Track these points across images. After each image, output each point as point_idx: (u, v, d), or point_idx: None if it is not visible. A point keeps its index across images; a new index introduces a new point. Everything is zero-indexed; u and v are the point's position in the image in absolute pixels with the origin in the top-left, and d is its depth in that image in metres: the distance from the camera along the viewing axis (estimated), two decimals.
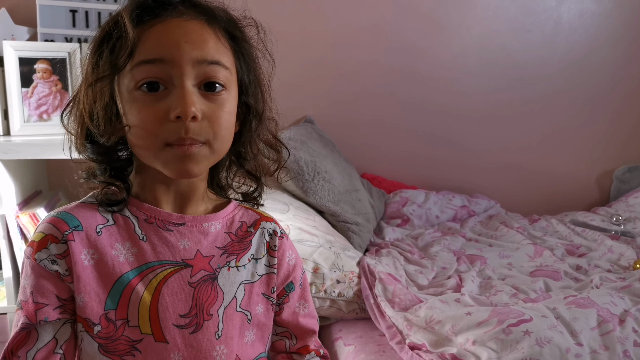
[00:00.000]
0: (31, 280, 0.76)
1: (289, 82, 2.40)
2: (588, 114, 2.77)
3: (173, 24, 0.75)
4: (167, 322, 0.78)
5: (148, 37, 0.74)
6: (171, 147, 0.74)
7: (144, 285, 0.78)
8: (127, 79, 0.75)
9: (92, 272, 0.77)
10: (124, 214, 0.81)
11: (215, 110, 0.76)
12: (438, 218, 2.41)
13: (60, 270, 0.76)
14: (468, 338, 1.33)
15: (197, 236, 0.83)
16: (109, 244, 0.79)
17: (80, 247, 0.77)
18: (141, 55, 0.74)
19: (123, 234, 0.80)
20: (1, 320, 1.69)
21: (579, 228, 2.32)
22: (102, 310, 0.77)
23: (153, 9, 0.76)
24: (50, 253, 0.76)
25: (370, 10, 2.47)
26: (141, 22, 0.75)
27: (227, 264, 0.84)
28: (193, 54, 0.74)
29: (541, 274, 1.80)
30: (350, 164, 2.34)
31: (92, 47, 0.78)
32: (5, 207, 1.63)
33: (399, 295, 1.58)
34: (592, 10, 2.68)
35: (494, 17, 2.60)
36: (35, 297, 0.76)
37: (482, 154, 2.69)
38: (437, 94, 2.60)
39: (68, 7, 1.89)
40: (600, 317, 1.37)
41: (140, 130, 0.75)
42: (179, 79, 0.74)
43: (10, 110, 1.73)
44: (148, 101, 0.74)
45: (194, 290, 0.80)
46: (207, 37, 0.77)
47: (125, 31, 0.73)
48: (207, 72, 0.76)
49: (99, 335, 0.77)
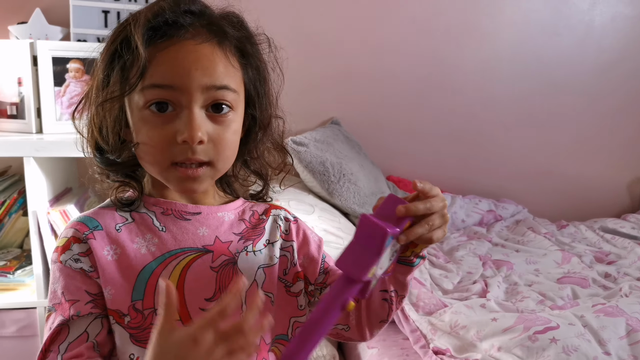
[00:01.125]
0: (60, 281, 0.80)
1: (316, 84, 2.42)
2: (619, 119, 2.72)
3: (185, 49, 0.77)
4: (194, 306, 0.80)
5: (160, 61, 0.76)
6: (176, 168, 0.78)
7: (167, 274, 0.80)
8: (136, 97, 0.77)
9: (116, 266, 0.80)
10: (140, 211, 0.85)
11: (221, 133, 0.79)
12: (464, 222, 2.39)
13: (84, 267, 0.79)
14: (493, 344, 1.32)
15: (214, 223, 0.86)
16: (130, 238, 0.82)
17: (101, 244, 0.80)
18: (152, 79, 0.76)
19: (142, 228, 0.83)
20: (31, 315, 1.73)
21: (609, 235, 2.28)
22: (129, 301, 0.79)
23: (165, 30, 0.77)
24: (73, 253, 0.80)
25: (402, 15, 2.46)
26: (152, 42, 0.76)
27: (245, 249, 0.86)
28: (203, 81, 0.76)
29: (569, 280, 1.78)
30: (376, 166, 2.34)
31: (103, 59, 0.80)
32: (37, 204, 1.66)
33: (423, 299, 1.57)
34: (625, 14, 2.63)
35: (524, 21, 2.57)
36: (66, 296, 0.79)
37: (511, 158, 2.66)
38: (466, 98, 2.58)
39: (100, 8, 1.92)
40: (629, 326, 1.35)
41: (149, 149, 0.78)
42: (187, 104, 0.76)
43: (43, 108, 1.76)
44: (156, 122, 0.77)
45: (217, 274, 0.83)
46: (218, 61, 0.78)
47: (135, 52, 0.75)
48: (216, 96, 0.78)
49: (129, 326, 0.79)
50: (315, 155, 1.99)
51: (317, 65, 2.42)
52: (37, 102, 1.77)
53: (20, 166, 1.71)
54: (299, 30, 2.37)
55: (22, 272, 1.76)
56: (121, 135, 0.81)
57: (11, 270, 1.75)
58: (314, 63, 2.41)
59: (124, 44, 0.77)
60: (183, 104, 0.76)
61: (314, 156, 1.98)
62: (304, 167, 1.97)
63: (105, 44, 0.80)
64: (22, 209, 1.86)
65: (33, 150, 1.61)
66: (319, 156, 1.99)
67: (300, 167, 1.99)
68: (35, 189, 1.65)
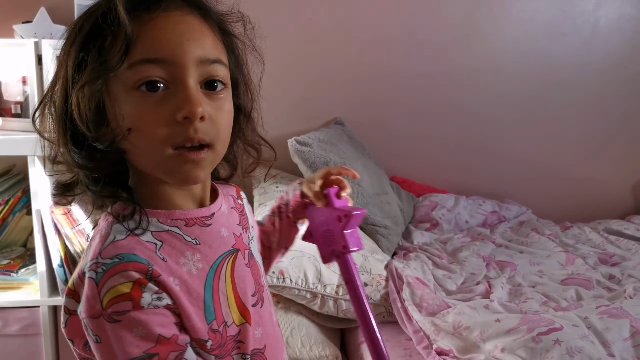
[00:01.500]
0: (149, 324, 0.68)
1: (319, 84, 2.42)
2: (625, 120, 2.71)
3: (173, 19, 0.71)
4: (249, 305, 0.80)
5: (146, 34, 0.69)
6: (178, 154, 0.70)
7: (224, 283, 0.77)
8: (121, 78, 0.69)
9: (183, 295, 0.72)
10: (161, 228, 0.75)
11: (217, 111, 0.73)
12: (467, 223, 2.39)
13: (169, 302, 0.70)
14: (497, 345, 1.31)
15: (225, 221, 0.83)
16: (176, 262, 0.73)
17: (166, 274, 0.71)
18: (140, 54, 0.68)
19: (177, 247, 0.74)
20: (34, 313, 1.73)
21: (613, 237, 2.27)
22: (206, 325, 0.74)
23: (147, 4, 0.70)
24: (152, 291, 0.69)
25: (405, 14, 2.45)
26: (136, 16, 0.69)
27: (250, 238, 0.87)
28: (196, 53, 0.70)
29: (573, 282, 1.78)
30: (379, 167, 2.33)
31: (75, 39, 0.71)
32: (40, 203, 1.66)
33: (426, 299, 1.57)
34: (631, 14, 2.62)
35: (529, 21, 2.57)
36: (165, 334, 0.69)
37: (515, 159, 2.66)
38: (471, 98, 2.57)
39: None
40: (633, 328, 1.34)
41: (143, 134, 0.70)
42: (183, 79, 0.70)
43: None
44: (149, 102, 0.69)
45: (250, 269, 0.83)
46: (207, 33, 0.74)
47: (119, 26, 0.68)
48: (209, 71, 0.72)
49: (212, 348, 0.74)
50: (319, 155, 1.99)
51: (321, 65, 2.41)
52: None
53: (24, 165, 1.71)
54: (302, 30, 2.37)
55: (25, 271, 1.77)
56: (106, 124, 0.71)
57: (15, 268, 1.76)
58: (317, 64, 2.41)
59: (100, 20, 0.69)
60: (177, 79, 0.69)
61: (318, 156, 1.98)
62: (308, 167, 1.97)
63: (72, 29, 0.72)
64: (25, 207, 1.86)
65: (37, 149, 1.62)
66: (323, 156, 1.99)
67: (304, 167, 1.99)
68: (39, 187, 1.66)
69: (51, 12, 1.94)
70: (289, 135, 2.08)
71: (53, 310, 1.75)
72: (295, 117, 2.37)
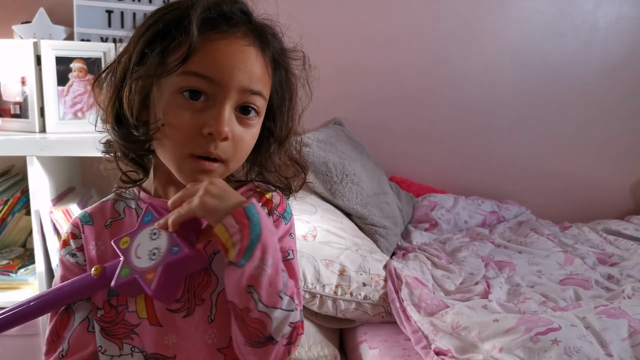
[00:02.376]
0: (61, 274, 0.87)
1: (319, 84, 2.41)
2: (624, 120, 2.72)
3: (234, 47, 0.78)
4: (161, 306, 0.82)
5: (207, 51, 0.76)
6: (194, 159, 0.77)
7: None
8: (172, 79, 0.76)
9: (98, 261, 0.84)
10: (132, 206, 0.88)
11: (243, 134, 0.80)
12: (467, 223, 2.39)
13: (79, 261, 0.86)
14: (495, 345, 1.31)
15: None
16: (115, 235, 0.84)
17: (89, 239, 0.86)
18: (194, 66, 0.75)
19: (127, 225, 0.86)
20: None
21: (612, 237, 2.27)
22: (105, 296, 0.83)
23: (217, 22, 0.77)
24: (71, 248, 0.86)
25: (405, 14, 2.46)
26: (202, 31, 0.76)
27: None
28: (242, 83, 0.77)
29: (571, 282, 1.78)
30: (379, 167, 2.33)
31: (142, 37, 0.78)
32: (40, 203, 1.66)
33: (425, 299, 1.57)
34: (630, 15, 2.62)
35: (529, 21, 2.57)
36: None
37: (514, 159, 2.66)
38: (470, 98, 2.58)
39: (104, 8, 1.92)
40: (631, 328, 1.34)
41: (173, 132, 0.77)
42: (221, 100, 0.76)
43: (47, 108, 1.77)
44: (187, 109, 0.76)
45: (191, 277, 0.83)
46: (260, 67, 0.80)
47: (186, 35, 0.74)
48: (248, 99, 0.79)
49: (102, 319, 0.83)
50: (318, 155, 1.99)
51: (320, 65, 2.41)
52: (40, 101, 1.78)
53: (23, 165, 1.71)
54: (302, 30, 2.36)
55: (24, 271, 1.77)
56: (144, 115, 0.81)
57: (14, 269, 1.76)
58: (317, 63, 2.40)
59: (173, 25, 0.76)
60: (217, 98, 0.77)
61: (317, 157, 1.98)
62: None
63: (145, 23, 0.79)
64: (25, 208, 1.86)
65: (36, 149, 1.62)
66: (322, 157, 1.99)
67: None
68: (38, 188, 1.66)
69: (50, 12, 1.94)
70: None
71: None
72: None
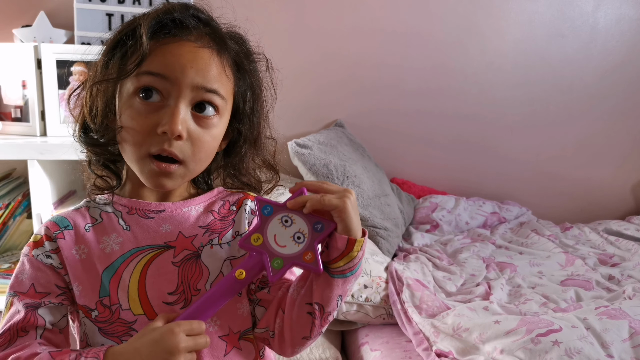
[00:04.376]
0: (30, 273, 0.85)
1: (319, 86, 2.42)
2: (624, 121, 2.72)
3: (185, 48, 0.80)
4: (156, 300, 0.83)
5: (159, 53, 0.79)
6: (152, 160, 0.80)
7: (129, 272, 0.84)
8: (129, 83, 0.80)
9: (82, 265, 0.84)
10: (108, 210, 0.88)
11: (201, 134, 0.82)
12: (468, 224, 2.39)
13: (54, 263, 0.84)
14: (496, 347, 1.32)
15: (177, 219, 0.88)
16: (96, 239, 0.86)
17: (70, 244, 0.85)
18: (148, 67, 0.79)
19: (108, 228, 0.87)
20: None
21: (613, 237, 2.27)
22: (97, 297, 0.84)
23: (170, 28, 0.81)
24: (45, 250, 0.85)
25: (405, 16, 2.46)
26: (156, 36, 0.80)
27: (210, 242, 0.88)
28: (195, 80, 0.79)
29: (572, 283, 1.78)
30: (380, 169, 2.34)
31: (106, 47, 0.84)
32: (41, 207, 1.67)
33: (426, 301, 1.57)
34: (630, 16, 2.62)
35: (529, 22, 2.57)
36: (37, 288, 0.84)
37: (515, 160, 2.66)
38: (471, 100, 2.58)
39: (104, 11, 1.92)
40: (632, 329, 1.34)
41: (130, 134, 0.80)
42: (175, 98, 0.79)
43: (48, 111, 1.77)
44: (142, 110, 0.79)
45: (179, 269, 0.85)
46: (213, 66, 0.82)
47: (139, 41, 0.78)
48: (203, 97, 0.81)
49: (97, 320, 0.84)
50: (319, 157, 1.99)
51: (322, 67, 2.42)
52: (41, 105, 1.78)
53: (24, 169, 1.72)
54: (303, 32, 2.37)
55: None
56: (109, 120, 0.84)
57: None
58: (318, 65, 2.41)
59: (129, 33, 0.81)
60: (171, 97, 0.79)
61: (318, 158, 1.98)
62: (308, 169, 1.98)
63: (112, 35, 0.84)
64: (26, 211, 1.86)
65: (37, 153, 1.62)
66: (323, 158, 1.99)
67: (304, 169, 1.99)
68: (39, 191, 1.66)
69: (51, 16, 1.94)
70: (289, 138, 2.09)
71: None
72: (295, 120, 2.38)
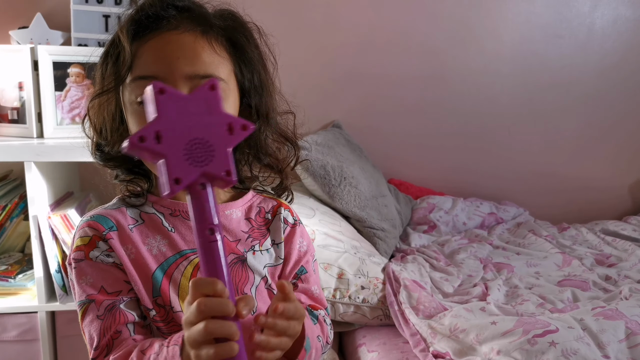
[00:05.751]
0: (95, 276, 0.82)
1: (316, 87, 2.42)
2: (621, 121, 2.72)
3: (166, 39, 0.79)
4: None
5: (143, 53, 0.79)
6: None
7: (179, 273, 0.83)
8: (127, 91, 0.80)
9: (133, 266, 0.83)
10: (149, 212, 0.87)
11: None
12: (465, 225, 2.39)
13: (116, 261, 0.83)
14: (493, 348, 1.32)
15: (221, 222, 0.83)
16: (141, 240, 0.84)
17: (118, 244, 0.83)
18: (138, 71, 0.78)
19: (152, 229, 0.85)
20: (32, 319, 1.73)
21: (610, 237, 2.27)
22: (151, 298, 0.83)
23: (147, 24, 0.79)
24: (102, 250, 0.82)
25: (402, 17, 2.46)
26: (137, 36, 0.79)
27: (252, 248, 0.89)
28: (185, 70, 0.77)
29: (569, 283, 1.78)
30: (377, 170, 2.34)
31: (98, 62, 0.84)
32: (38, 208, 1.67)
33: (423, 302, 1.57)
34: (627, 17, 2.63)
35: (526, 23, 2.57)
36: (108, 289, 0.82)
37: (512, 161, 2.66)
38: (468, 100, 2.58)
39: (101, 13, 1.92)
40: (628, 330, 1.35)
41: None
42: None
43: (44, 113, 1.77)
44: (143, 116, 0.73)
45: None
46: (200, 50, 0.79)
47: (122, 47, 0.78)
48: (200, 84, 0.75)
49: (155, 319, 0.83)
50: (316, 158, 1.99)
51: (319, 68, 2.42)
52: (38, 106, 1.78)
53: (21, 171, 1.72)
54: (300, 33, 2.37)
55: (23, 277, 1.77)
56: (119, 132, 0.84)
57: (12, 274, 1.76)
58: (315, 66, 2.41)
59: (114, 44, 0.81)
60: None
61: (315, 160, 1.98)
62: (305, 170, 1.97)
63: (102, 50, 0.84)
64: (23, 213, 1.86)
65: (34, 154, 1.62)
66: (320, 159, 1.99)
67: (301, 170, 1.99)
68: (36, 193, 1.66)
69: (47, 17, 1.94)
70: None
71: (51, 315, 1.75)
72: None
